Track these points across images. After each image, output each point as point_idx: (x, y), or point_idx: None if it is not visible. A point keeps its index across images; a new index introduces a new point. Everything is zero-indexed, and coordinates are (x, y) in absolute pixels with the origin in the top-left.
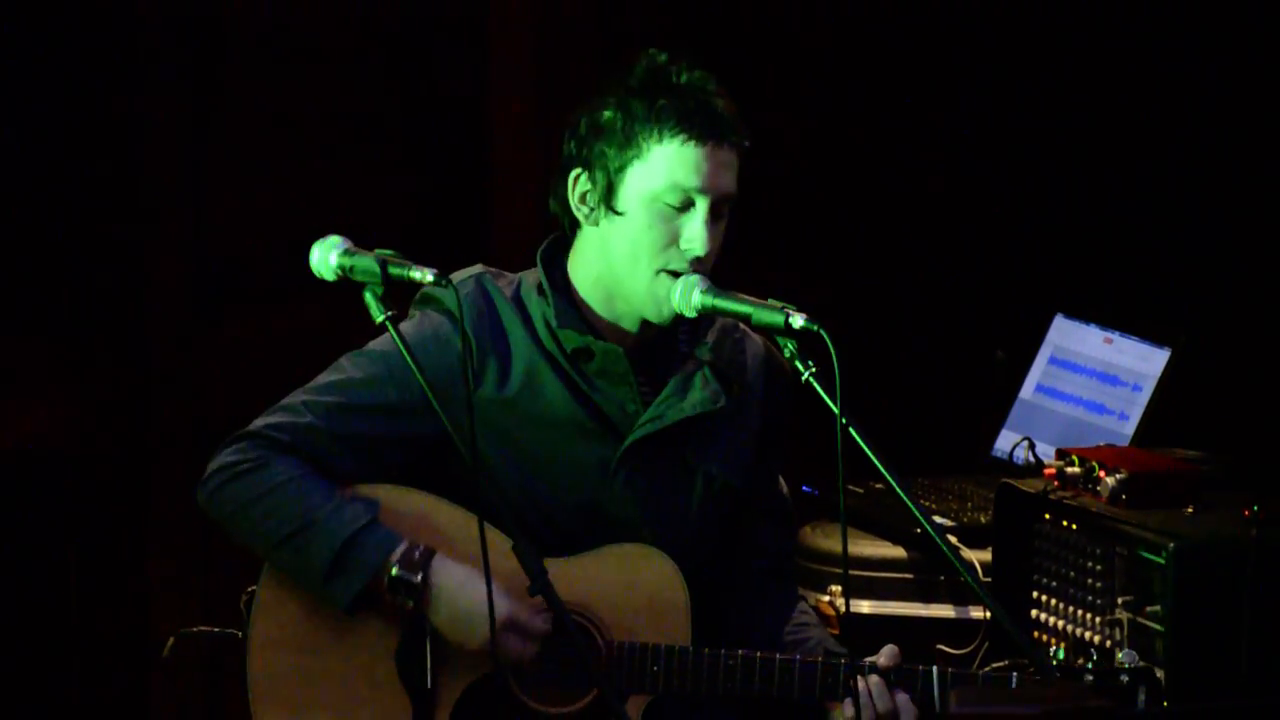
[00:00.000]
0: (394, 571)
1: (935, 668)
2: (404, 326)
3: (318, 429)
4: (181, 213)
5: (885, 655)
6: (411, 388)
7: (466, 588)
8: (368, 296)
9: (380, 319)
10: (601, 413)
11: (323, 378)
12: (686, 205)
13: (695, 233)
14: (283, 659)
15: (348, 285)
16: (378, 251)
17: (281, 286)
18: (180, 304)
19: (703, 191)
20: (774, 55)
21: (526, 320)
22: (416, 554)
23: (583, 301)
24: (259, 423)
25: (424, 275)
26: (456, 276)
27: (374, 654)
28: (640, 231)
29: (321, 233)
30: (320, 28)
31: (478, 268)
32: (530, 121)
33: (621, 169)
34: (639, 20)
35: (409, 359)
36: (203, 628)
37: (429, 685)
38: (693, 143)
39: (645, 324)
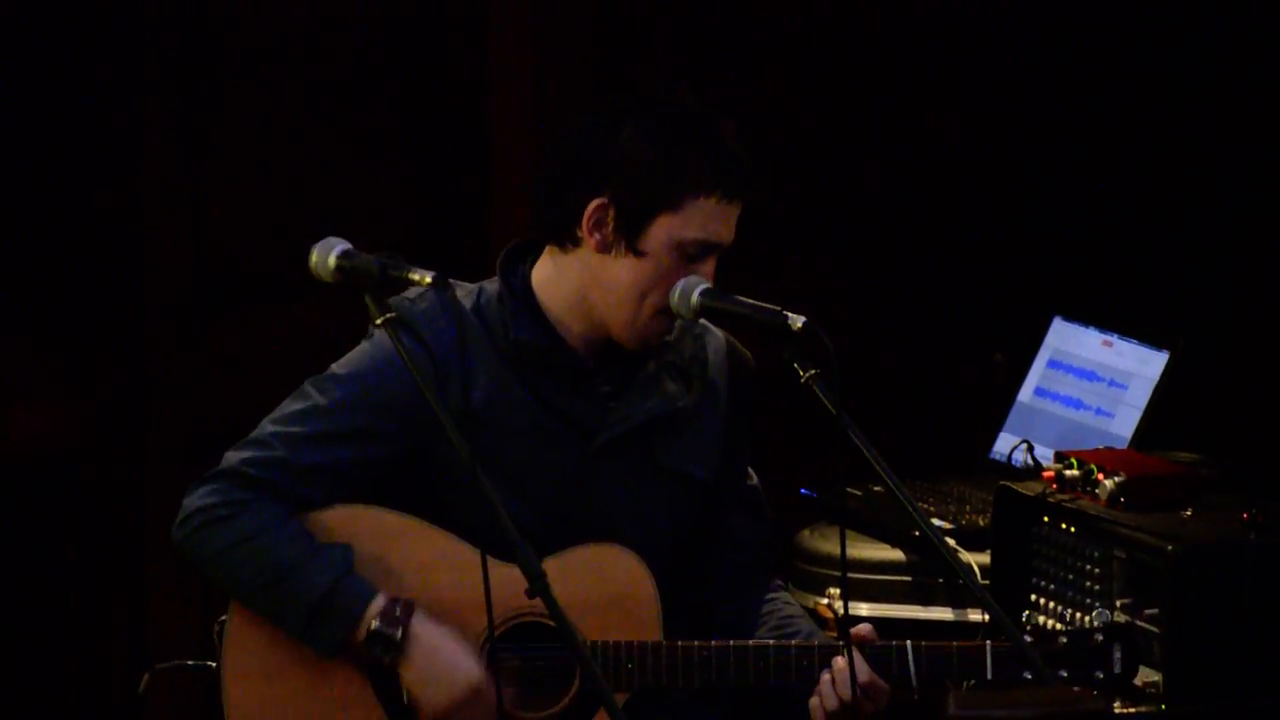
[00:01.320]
0: (374, 626)
1: (909, 642)
2: (364, 346)
3: (288, 462)
4: (180, 215)
5: (856, 630)
6: (377, 407)
7: (442, 650)
8: (367, 299)
9: (379, 321)
10: (567, 418)
11: (290, 405)
12: (705, 254)
13: (707, 276)
14: (256, 689)
15: (347, 288)
16: (377, 254)
17: (280, 289)
18: (178, 306)
19: (721, 243)
20: (773, 54)
21: (487, 330)
22: (397, 609)
23: (547, 309)
24: (232, 458)
25: (423, 277)
26: (412, 292)
27: (348, 676)
28: (656, 275)
29: (320, 235)
30: (318, 29)
31: (432, 276)
32: (530, 122)
33: (652, 213)
34: (639, 20)
35: (409, 361)
36: (178, 661)
37: (405, 700)
38: (725, 201)
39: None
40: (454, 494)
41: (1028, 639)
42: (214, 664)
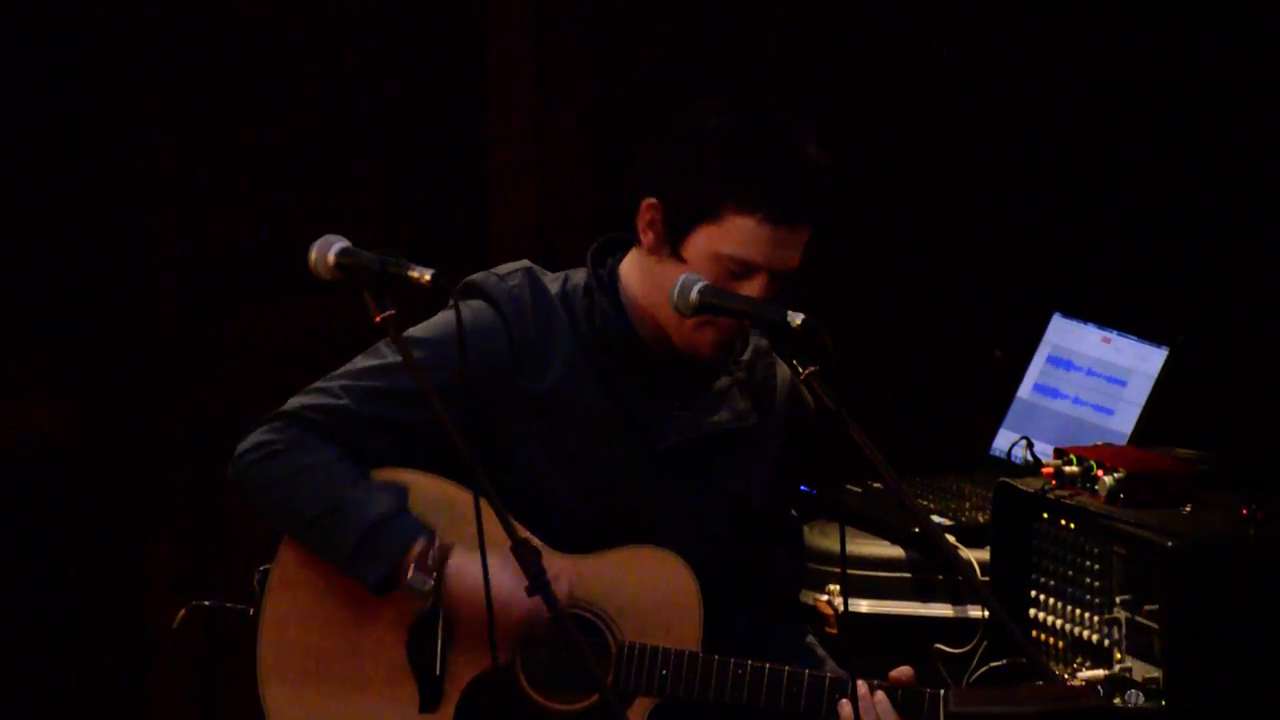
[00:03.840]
0: (410, 573)
1: (943, 691)
2: (444, 315)
3: (353, 412)
4: (179, 213)
5: (896, 673)
6: (448, 373)
7: (479, 586)
8: (366, 296)
9: (379, 318)
10: (635, 417)
11: (362, 361)
12: (748, 273)
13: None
14: (292, 636)
15: (346, 285)
16: (376, 251)
17: (279, 286)
18: (177, 303)
19: (764, 266)
20: (772, 54)
21: (571, 317)
22: (431, 556)
23: (629, 306)
24: (295, 402)
25: (422, 275)
26: (504, 269)
27: (385, 636)
28: None
29: (319, 232)
30: (317, 26)
31: (524, 262)
32: (528, 123)
33: (695, 221)
34: (638, 20)
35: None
36: (214, 601)
37: (437, 672)
38: (769, 224)
39: None
40: (506, 472)
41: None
42: (251, 610)
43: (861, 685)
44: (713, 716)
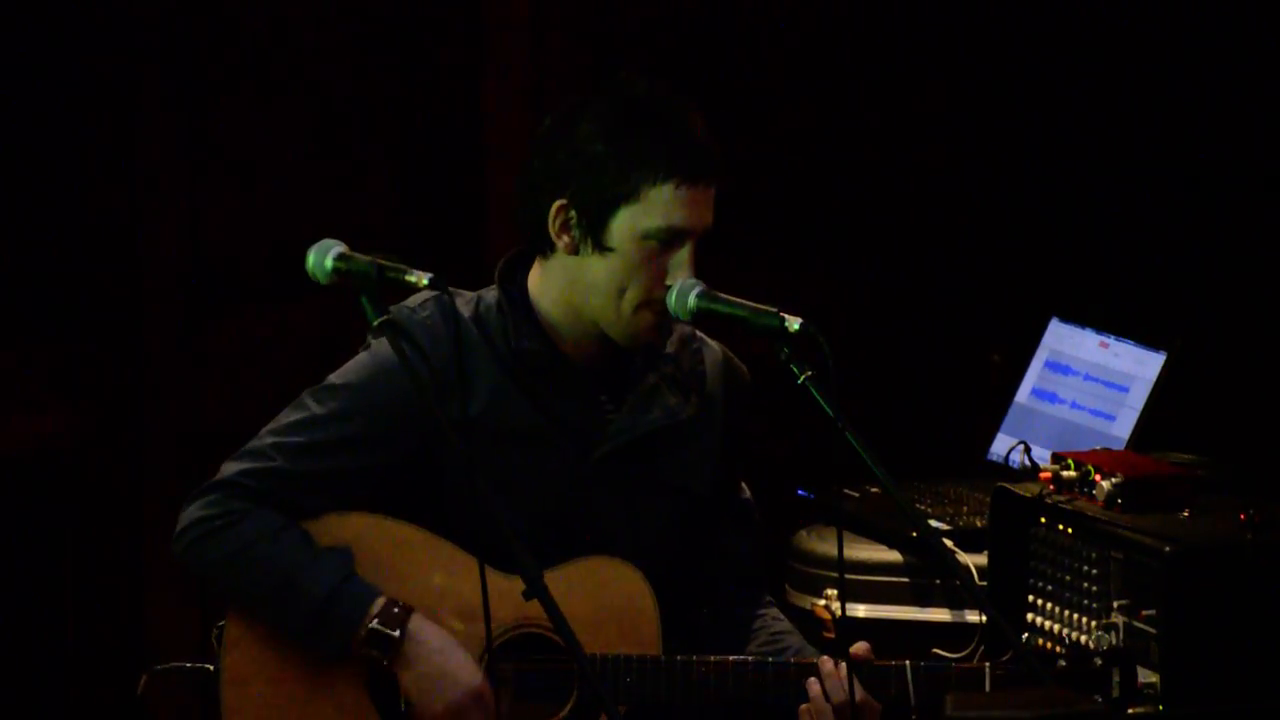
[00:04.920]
0: (373, 625)
1: (908, 663)
2: (362, 357)
3: (286, 471)
4: (176, 217)
5: (855, 648)
6: (375, 415)
7: (441, 653)
8: (363, 300)
9: (376, 323)
10: (567, 427)
11: (287, 416)
12: (676, 242)
13: (683, 267)
14: (254, 692)
15: (343, 289)
16: (373, 255)
17: (277, 290)
18: (175, 308)
19: (693, 230)
20: (770, 53)
21: (488, 338)
22: (395, 609)
23: (543, 318)
24: (229, 469)
25: (419, 279)
26: (413, 300)
27: (345, 682)
28: (629, 269)
29: (317, 237)
30: (314, 29)
31: (433, 291)
32: (527, 125)
33: (612, 207)
34: (636, 21)
35: (407, 365)
36: (175, 664)
37: (403, 709)
38: (686, 185)
39: (609, 341)
40: (454, 502)
41: (1043, 672)
42: (212, 667)
43: (827, 662)
44: (684, 716)
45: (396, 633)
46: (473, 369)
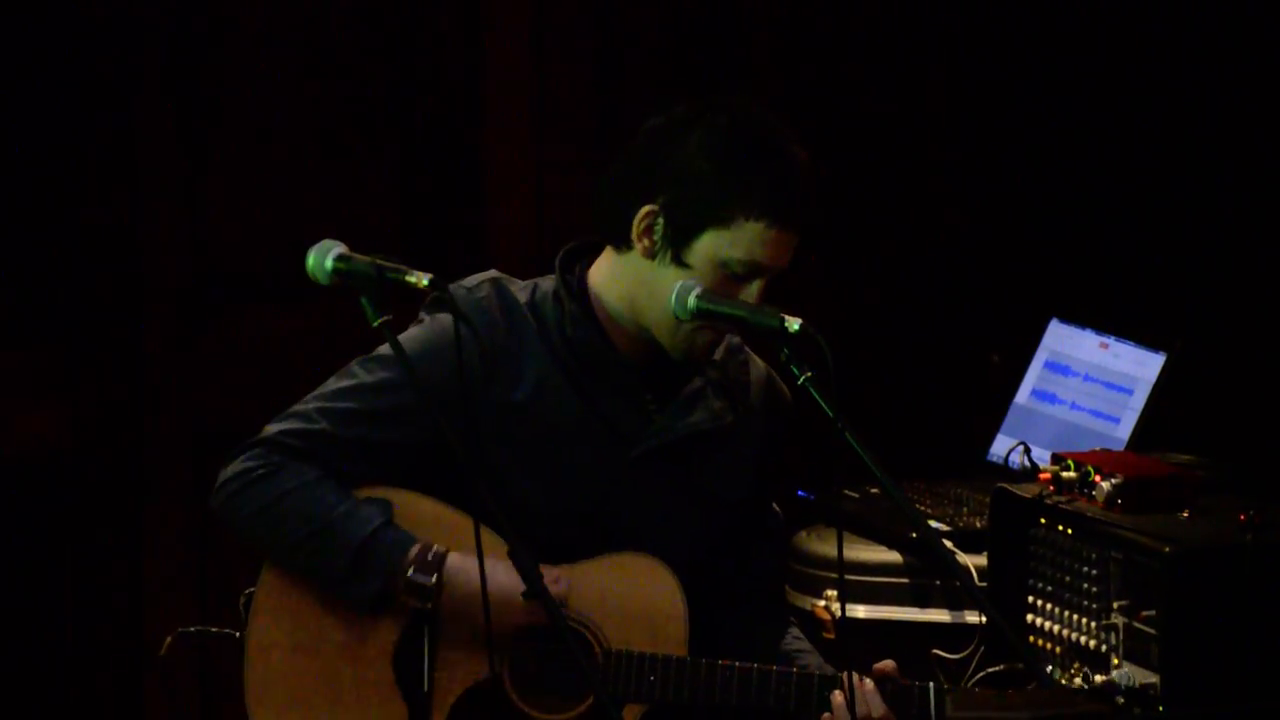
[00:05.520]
0: (410, 573)
1: (931, 685)
2: (415, 331)
3: (330, 435)
4: (176, 217)
5: (880, 666)
6: (425, 389)
7: (477, 587)
8: (364, 301)
9: (376, 323)
10: (609, 422)
11: (335, 383)
12: (751, 276)
13: (751, 299)
14: (279, 660)
15: (343, 290)
16: (373, 256)
17: (277, 291)
18: (176, 308)
19: (771, 269)
20: (770, 55)
21: (541, 325)
22: (430, 555)
23: (601, 310)
24: (272, 429)
25: (420, 280)
26: (471, 281)
27: (371, 656)
28: None
29: (317, 237)
30: (314, 29)
31: (492, 272)
32: (527, 125)
33: (701, 227)
34: (636, 21)
35: (406, 364)
36: (201, 627)
37: (426, 688)
38: (777, 227)
39: (661, 345)
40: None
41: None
42: (238, 634)
43: (854, 676)
44: (705, 716)
45: (432, 579)
46: (523, 354)
